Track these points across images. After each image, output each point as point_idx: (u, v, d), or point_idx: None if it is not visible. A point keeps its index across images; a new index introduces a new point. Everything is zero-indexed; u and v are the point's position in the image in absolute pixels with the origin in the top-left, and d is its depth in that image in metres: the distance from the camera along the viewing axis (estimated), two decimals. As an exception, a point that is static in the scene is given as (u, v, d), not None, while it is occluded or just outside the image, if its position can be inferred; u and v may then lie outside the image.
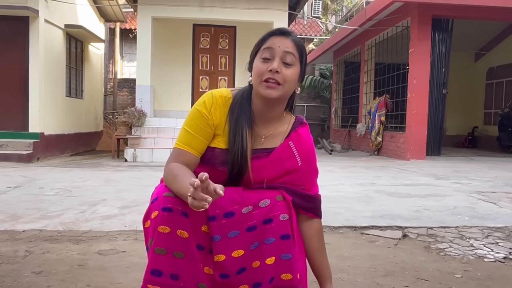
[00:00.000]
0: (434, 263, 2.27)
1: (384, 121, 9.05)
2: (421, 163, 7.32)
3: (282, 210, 1.37)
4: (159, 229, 1.25)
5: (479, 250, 2.50)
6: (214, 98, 1.38)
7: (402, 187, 4.70)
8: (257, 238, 1.34)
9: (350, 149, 10.97)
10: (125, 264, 2.17)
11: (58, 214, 3.24)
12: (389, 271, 2.12)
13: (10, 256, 2.24)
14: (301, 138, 1.43)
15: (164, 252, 1.25)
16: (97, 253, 2.33)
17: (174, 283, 1.25)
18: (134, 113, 8.12)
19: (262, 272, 1.33)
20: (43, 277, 1.97)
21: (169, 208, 1.25)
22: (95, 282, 1.91)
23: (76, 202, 3.72)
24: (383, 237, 2.75)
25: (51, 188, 4.46)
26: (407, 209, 3.51)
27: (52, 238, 2.61)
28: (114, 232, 2.77)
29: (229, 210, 1.31)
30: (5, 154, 7.30)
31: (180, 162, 1.31)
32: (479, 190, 4.49)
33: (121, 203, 3.69)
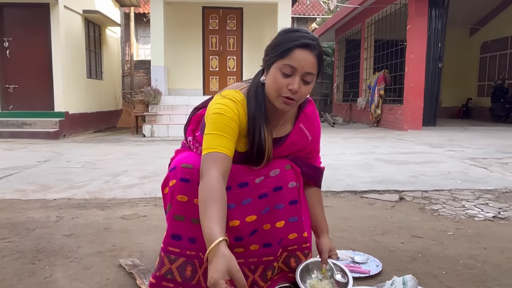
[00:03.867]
0: (428, 222, 2.28)
1: (383, 94, 8.95)
2: (417, 133, 7.28)
3: (290, 178, 1.40)
4: (177, 198, 1.27)
5: (470, 210, 2.51)
6: (236, 104, 1.27)
7: (400, 155, 4.68)
8: (268, 204, 1.36)
9: (351, 122, 10.91)
10: (146, 227, 2.22)
11: (84, 184, 3.29)
12: (386, 230, 2.15)
13: (43, 222, 2.30)
14: (309, 117, 1.43)
15: (182, 219, 1.28)
16: (121, 218, 2.38)
17: (191, 246, 1.28)
18: (150, 92, 8.12)
19: (272, 234, 1.37)
20: (73, 239, 2.02)
21: (187, 179, 1.27)
22: (120, 243, 1.96)
23: (100, 173, 3.77)
24: (381, 200, 2.77)
25: (77, 161, 4.52)
26: (404, 175, 3.51)
27: (80, 205, 2.67)
28: (135, 199, 2.82)
29: (243, 181, 1.33)
30: (34, 132, 7.39)
31: (222, 170, 1.17)
32: (471, 157, 4.46)
33: (141, 173, 3.74)
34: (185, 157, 1.33)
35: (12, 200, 2.80)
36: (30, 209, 2.56)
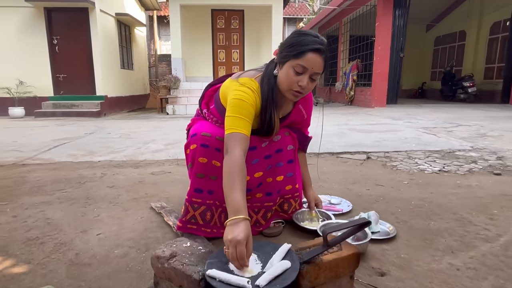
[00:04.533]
0: (389, 175, 2.31)
1: (356, 79, 8.83)
2: (382, 110, 7.23)
3: (288, 142, 1.41)
4: (199, 160, 1.27)
5: (421, 165, 2.53)
6: (253, 92, 1.20)
7: (368, 126, 4.67)
8: (271, 163, 1.38)
9: (330, 102, 10.82)
10: (171, 180, 2.24)
11: (122, 150, 3.30)
12: (356, 180, 2.17)
13: (91, 177, 2.32)
14: (306, 100, 1.41)
15: (203, 176, 1.28)
16: (151, 174, 2.40)
17: (210, 197, 1.30)
18: (171, 79, 8.01)
19: (273, 186, 1.39)
20: (114, 189, 2.05)
21: (206, 145, 1.26)
22: (151, 191, 1.99)
23: (134, 142, 3.78)
24: (353, 159, 2.78)
25: (115, 133, 4.52)
26: (371, 140, 3.52)
27: (119, 165, 2.68)
28: (162, 160, 2.83)
29: (252, 145, 1.32)
30: (81, 112, 7.35)
31: (243, 148, 1.10)
32: (424, 127, 4.46)
33: (166, 141, 3.75)
34: (204, 126, 1.32)
35: (66, 162, 2.82)
36: (80, 168, 2.58)
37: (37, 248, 1.30)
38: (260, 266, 0.90)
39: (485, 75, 9.55)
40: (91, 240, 1.37)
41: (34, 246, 1.31)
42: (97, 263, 1.19)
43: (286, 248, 0.93)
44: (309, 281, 0.87)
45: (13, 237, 1.39)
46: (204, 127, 1.31)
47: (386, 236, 1.35)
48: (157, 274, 0.98)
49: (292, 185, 1.44)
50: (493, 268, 1.14)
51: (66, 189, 2.05)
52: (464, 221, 1.51)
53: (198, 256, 0.95)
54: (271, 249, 0.95)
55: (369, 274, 1.10)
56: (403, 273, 1.11)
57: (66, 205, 1.77)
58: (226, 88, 1.28)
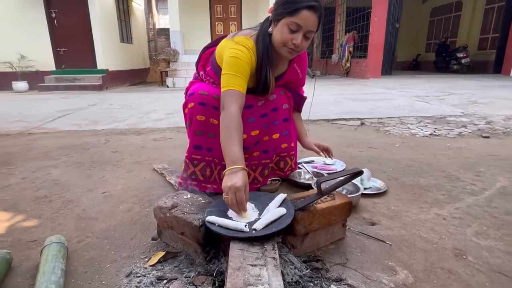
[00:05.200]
0: (381, 139, 2.31)
1: (352, 51, 8.64)
2: (377, 80, 7.14)
3: (284, 101, 1.39)
4: (197, 118, 1.25)
5: (413, 130, 2.53)
6: (249, 50, 1.16)
7: (362, 95, 4.63)
8: (267, 121, 1.36)
9: (327, 74, 10.64)
10: (172, 145, 2.24)
11: (124, 119, 3.28)
12: (349, 144, 2.18)
13: (95, 143, 2.32)
14: (301, 58, 1.36)
15: (201, 134, 1.27)
16: (153, 140, 2.40)
17: (209, 154, 1.29)
18: (170, 52, 7.82)
19: (270, 144, 1.38)
20: (118, 154, 2.05)
21: (204, 103, 1.24)
22: (153, 155, 1.99)
23: (135, 112, 3.75)
24: (347, 125, 2.77)
25: (117, 104, 4.47)
26: (365, 108, 3.50)
27: (122, 132, 2.68)
28: (163, 128, 2.82)
29: (248, 103, 1.30)
30: (83, 85, 7.23)
31: (239, 104, 1.08)
32: (417, 95, 4.42)
33: (167, 111, 3.72)
34: (201, 86, 1.29)
35: (70, 130, 2.81)
36: (84, 136, 2.57)
37: (46, 205, 1.32)
38: (257, 213, 0.91)
39: (479, 46, 9.35)
40: (97, 197, 1.38)
41: (43, 204, 1.33)
42: (103, 217, 1.21)
43: (281, 197, 0.94)
44: (304, 227, 0.89)
45: (23, 196, 1.41)
46: (201, 87, 1.28)
47: (377, 191, 1.37)
48: (160, 224, 0.99)
49: (288, 144, 1.44)
50: (477, 217, 1.16)
51: (71, 154, 2.05)
52: (452, 177, 1.53)
53: (198, 206, 0.96)
54: (267, 199, 0.96)
55: (361, 223, 1.13)
56: (393, 223, 1.13)
57: (72, 168, 1.77)
58: (221, 48, 1.24)
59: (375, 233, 1.06)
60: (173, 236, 0.97)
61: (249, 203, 0.96)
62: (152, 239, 1.04)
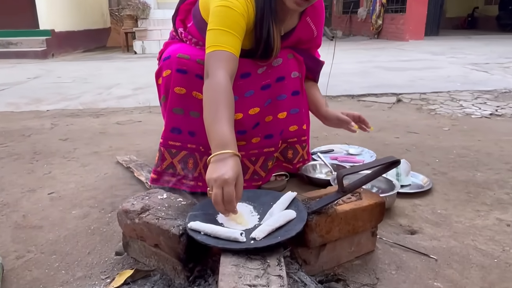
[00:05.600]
0: (425, 120, 2.31)
1: (385, 3, 8.58)
2: (419, 43, 7.11)
3: (293, 68, 1.37)
4: (175, 90, 1.24)
5: (467, 109, 2.53)
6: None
7: (399, 63, 4.62)
8: (271, 95, 1.34)
9: (351, 35, 10.58)
10: (142, 130, 2.24)
11: (77, 97, 3.28)
12: (382, 127, 2.17)
13: (38, 129, 2.32)
14: (316, 10, 1.34)
15: (181, 112, 1.26)
16: (116, 124, 2.40)
17: (192, 140, 1.28)
18: (138, 6, 7.74)
19: (274, 126, 1.37)
20: (69, 142, 2.05)
21: (184, 70, 1.22)
22: (116, 144, 1.99)
23: (92, 86, 3.75)
24: (378, 103, 2.77)
25: (68, 77, 4.46)
26: (402, 80, 3.49)
27: (74, 114, 2.68)
28: (129, 108, 2.83)
29: (245, 71, 1.28)
30: (22, 52, 7.17)
31: (229, 70, 1.07)
32: (473, 62, 4.41)
33: (134, 85, 3.71)
34: (180, 47, 1.27)
35: (5, 112, 2.80)
36: (24, 119, 2.57)
37: (-27, 210, 1.32)
38: (257, 218, 0.91)
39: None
40: (41, 200, 1.39)
41: (-32, 208, 1.33)
42: (50, 225, 1.21)
43: (290, 196, 0.94)
44: (320, 235, 0.89)
45: None
46: (180, 48, 1.26)
47: (419, 189, 1.37)
48: (126, 233, 0.99)
49: (298, 126, 1.43)
50: (552, 223, 1.16)
51: (6, 143, 2.06)
52: (519, 171, 1.53)
53: (178, 209, 0.96)
54: (270, 199, 0.96)
55: (396, 232, 1.13)
56: (439, 231, 1.13)
57: (7, 161, 1.77)
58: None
59: (415, 245, 1.06)
60: (144, 249, 0.97)
61: (246, 205, 0.95)
62: (116, 253, 1.04)
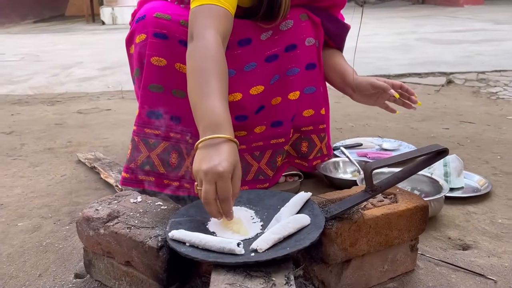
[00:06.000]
0: (483, 107, 2.32)
1: (432, -44, 8.59)
2: (477, 9, 7.13)
3: (308, 33, 1.37)
4: (152, 61, 1.23)
5: (540, 92, 2.54)
6: None
7: (451, 34, 4.64)
8: (279, 70, 1.35)
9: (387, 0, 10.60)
10: (111, 121, 2.27)
11: (25, 79, 3.33)
12: (427, 116, 2.19)
13: (-25, 119, 2.35)
14: None
15: (161, 90, 1.25)
16: (77, 113, 2.43)
17: (176, 127, 1.28)
18: (107, -38, 7.82)
19: (284, 109, 1.37)
20: (15, 136, 2.08)
21: (163, 34, 1.22)
22: (77, 138, 2.02)
23: (46, 66, 3.80)
24: (423, 85, 2.80)
25: (14, 54, 4.52)
26: (454, 55, 3.51)
27: (22, 101, 2.71)
28: (95, 93, 2.87)
29: (244, 36, 1.28)
30: (-47, 23, 7.26)
31: (222, 31, 1.08)
32: (549, 33, 4.41)
33: (102, 65, 3.76)
34: (159, 5, 1.27)
35: None
36: (-44, 108, 2.61)
37: None
38: (260, 226, 0.92)
39: None
40: (-21, 208, 1.40)
41: None
42: (-9, 240, 1.23)
43: (303, 197, 0.94)
44: (342, 249, 0.89)
45: None
46: (159, 6, 1.27)
47: (474, 193, 1.38)
48: (89, 248, 1.00)
49: (315, 110, 1.43)
50: None
51: None
52: None
53: (156, 215, 0.97)
54: (278, 202, 0.97)
55: (443, 247, 1.14)
56: (500, 245, 1.14)
57: None
58: None
59: (468, 263, 1.07)
60: (112, 269, 0.98)
61: (246, 209, 0.96)
62: (76, 276, 1.05)
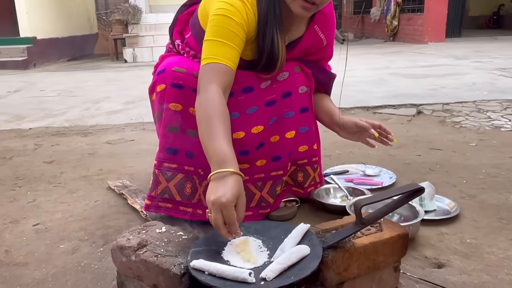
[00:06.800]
0: (449, 135, 2.32)
1: (401, 2, 8.68)
2: (439, 46, 7.17)
3: (301, 82, 1.39)
4: (170, 107, 1.27)
5: (496, 121, 2.54)
6: (245, 4, 1.17)
7: (419, 69, 4.66)
8: (276, 113, 1.36)
9: (363, 37, 10.68)
10: (135, 150, 2.26)
11: (62, 112, 3.32)
12: (402, 144, 2.18)
13: (20, 150, 2.34)
14: (326, 16, 1.37)
15: (177, 131, 1.28)
16: (106, 143, 2.42)
17: (189, 162, 1.29)
18: (128, 9, 7.87)
19: (282, 146, 1.38)
20: (55, 165, 2.07)
21: (179, 85, 1.25)
22: (107, 167, 2.01)
23: (79, 101, 3.79)
24: (397, 115, 2.79)
25: (52, 90, 4.52)
26: (422, 88, 3.52)
27: (59, 133, 2.71)
28: (120, 125, 2.86)
29: (247, 85, 1.30)
30: (0, 62, 7.27)
31: (223, 84, 1.11)
32: (500, 67, 4.44)
33: (125, 99, 3.76)
34: (176, 60, 1.30)
35: (-17, 131, 2.84)
36: (4, 139, 2.60)
37: (-50, 245, 1.33)
38: (267, 254, 0.91)
39: None
40: (25, 232, 1.39)
41: None
42: (36, 262, 1.22)
43: (303, 229, 0.94)
44: (337, 273, 0.89)
45: None
46: (176, 61, 1.29)
47: (445, 215, 1.37)
48: (121, 271, 1.00)
49: (309, 146, 1.45)
50: None
51: (-15, 167, 2.08)
52: (557, 193, 1.53)
53: (179, 244, 0.97)
54: (281, 232, 0.96)
55: (421, 265, 1.13)
56: (469, 263, 1.13)
57: (-14, 188, 1.79)
58: (207, 2, 1.24)
59: (443, 280, 1.06)
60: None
61: (254, 239, 0.96)
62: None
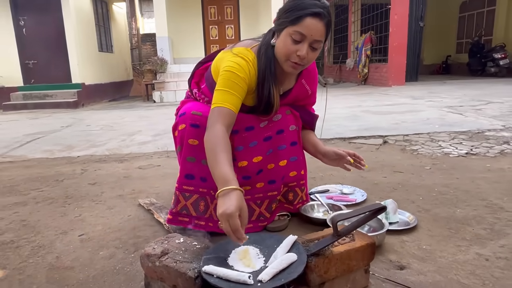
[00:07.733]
0: (408, 160, 2.32)
1: (370, 54, 8.79)
2: (400, 88, 7.22)
3: (291, 122, 1.43)
4: (189, 142, 1.30)
5: (445, 149, 2.54)
6: (248, 63, 1.22)
7: (384, 107, 4.68)
8: (272, 146, 1.39)
9: (341, 82, 10.78)
10: (160, 174, 2.27)
11: (104, 143, 3.33)
12: (371, 168, 2.18)
13: (70, 174, 2.35)
14: (310, 72, 1.41)
15: (194, 160, 1.31)
16: (138, 168, 2.43)
17: (203, 184, 1.32)
18: (157, 62, 7.99)
19: (276, 172, 1.41)
20: (97, 186, 2.07)
21: (197, 125, 1.28)
22: (138, 187, 2.01)
23: (117, 133, 3.81)
24: (367, 144, 2.80)
25: (96, 125, 4.55)
26: (387, 123, 3.53)
27: (101, 160, 2.71)
28: (149, 153, 2.86)
29: (249, 125, 1.34)
30: (56, 103, 7.36)
31: (226, 123, 1.15)
32: (449, 105, 4.46)
33: (153, 132, 3.77)
34: (194, 105, 1.34)
35: (41, 158, 2.85)
36: (57, 165, 2.61)
37: (13, 252, 1.32)
38: (263, 260, 0.92)
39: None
40: (72, 241, 1.39)
41: (9, 251, 1.34)
42: (81, 266, 1.21)
43: (291, 240, 0.95)
44: (318, 275, 0.89)
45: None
46: (194, 106, 1.33)
47: (406, 226, 1.37)
48: (148, 274, 1.00)
49: (297, 171, 1.46)
50: (526, 257, 1.15)
51: (42, 188, 2.08)
52: (494, 207, 1.53)
53: (193, 252, 0.97)
54: (274, 242, 0.97)
55: (387, 267, 1.12)
56: (425, 266, 1.13)
57: (43, 205, 1.79)
58: (218, 61, 1.29)
59: (404, 280, 1.05)
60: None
61: (253, 248, 0.96)
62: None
